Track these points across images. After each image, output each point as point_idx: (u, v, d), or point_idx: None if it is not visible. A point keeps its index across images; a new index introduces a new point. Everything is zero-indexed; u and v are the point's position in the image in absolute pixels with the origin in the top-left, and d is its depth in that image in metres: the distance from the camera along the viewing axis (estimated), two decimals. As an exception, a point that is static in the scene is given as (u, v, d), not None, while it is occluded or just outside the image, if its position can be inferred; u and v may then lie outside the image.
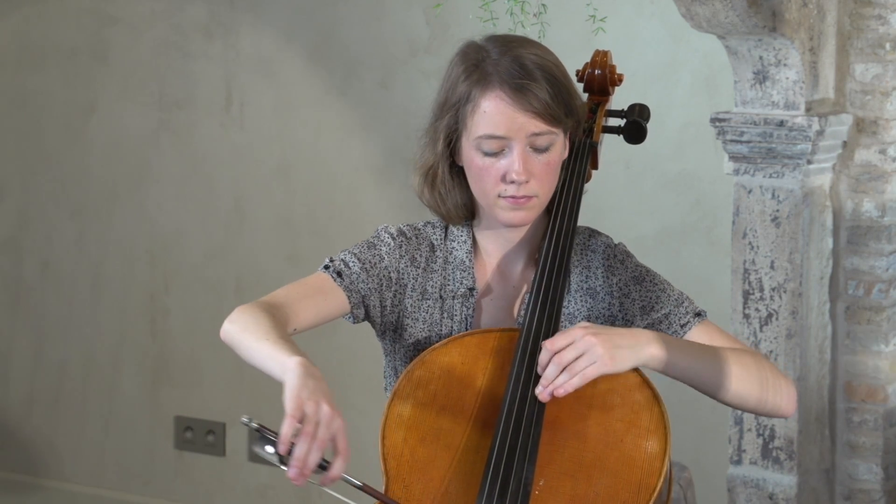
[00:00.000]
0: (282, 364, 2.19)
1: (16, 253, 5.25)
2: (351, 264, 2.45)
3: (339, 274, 2.44)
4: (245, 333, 2.28)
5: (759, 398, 2.40)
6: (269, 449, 2.09)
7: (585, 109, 2.50)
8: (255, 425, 2.09)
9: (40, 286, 5.22)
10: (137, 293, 5.07)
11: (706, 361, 2.36)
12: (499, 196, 2.38)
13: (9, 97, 5.20)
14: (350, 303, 2.44)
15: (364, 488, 2.13)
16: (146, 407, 5.08)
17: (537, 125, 2.35)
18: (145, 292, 5.05)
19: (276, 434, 2.08)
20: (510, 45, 2.39)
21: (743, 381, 2.38)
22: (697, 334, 2.44)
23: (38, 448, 5.29)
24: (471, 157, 2.39)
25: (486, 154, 2.37)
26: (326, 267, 2.45)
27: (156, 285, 5.04)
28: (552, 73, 2.37)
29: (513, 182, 2.36)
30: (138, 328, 5.07)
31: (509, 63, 2.36)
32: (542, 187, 2.39)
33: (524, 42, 2.42)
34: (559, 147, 2.40)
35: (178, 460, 5.07)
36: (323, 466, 2.10)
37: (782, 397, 2.42)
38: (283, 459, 2.09)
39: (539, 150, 2.37)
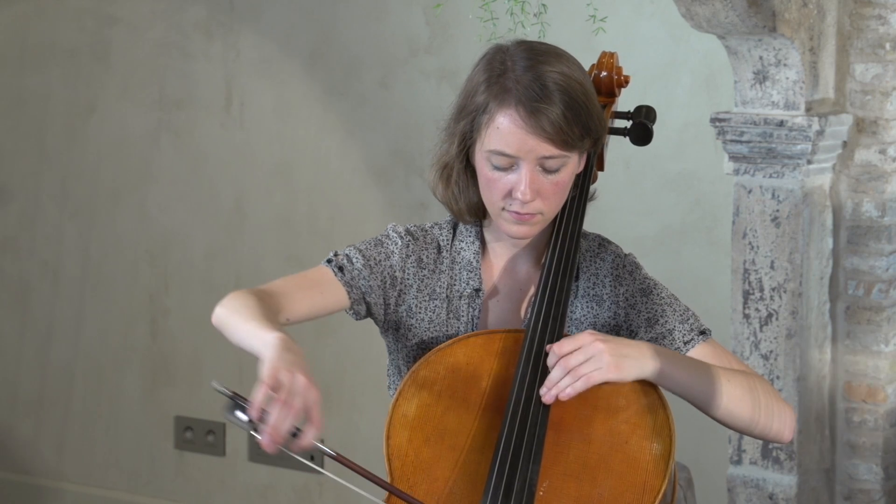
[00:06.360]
0: (262, 339, 2.18)
1: (17, 253, 5.25)
2: (354, 260, 2.45)
3: (341, 269, 2.44)
4: (234, 316, 2.29)
5: (750, 419, 2.40)
6: (242, 415, 2.08)
7: (605, 125, 2.47)
8: (226, 391, 2.08)
9: (41, 286, 5.22)
10: (138, 293, 5.07)
11: (702, 379, 2.37)
12: (503, 209, 2.38)
13: (9, 97, 5.20)
14: (350, 298, 2.44)
15: (338, 458, 2.11)
16: (146, 407, 5.08)
17: (548, 149, 2.33)
18: (145, 292, 5.05)
19: (248, 401, 2.07)
20: (536, 59, 2.35)
21: (736, 401, 2.38)
22: (700, 352, 2.44)
23: (39, 448, 5.29)
24: (481, 165, 2.38)
25: (496, 168, 2.36)
26: (329, 261, 2.45)
27: (156, 285, 5.04)
28: (572, 95, 2.33)
29: (517, 199, 2.36)
30: (138, 328, 5.07)
31: (530, 80, 2.32)
32: (549, 206, 2.38)
33: (551, 57, 2.37)
34: (571, 168, 2.38)
35: (178, 460, 5.07)
36: (295, 435, 2.07)
37: (779, 422, 2.42)
38: (256, 426, 2.07)
39: (549, 172, 2.36)
